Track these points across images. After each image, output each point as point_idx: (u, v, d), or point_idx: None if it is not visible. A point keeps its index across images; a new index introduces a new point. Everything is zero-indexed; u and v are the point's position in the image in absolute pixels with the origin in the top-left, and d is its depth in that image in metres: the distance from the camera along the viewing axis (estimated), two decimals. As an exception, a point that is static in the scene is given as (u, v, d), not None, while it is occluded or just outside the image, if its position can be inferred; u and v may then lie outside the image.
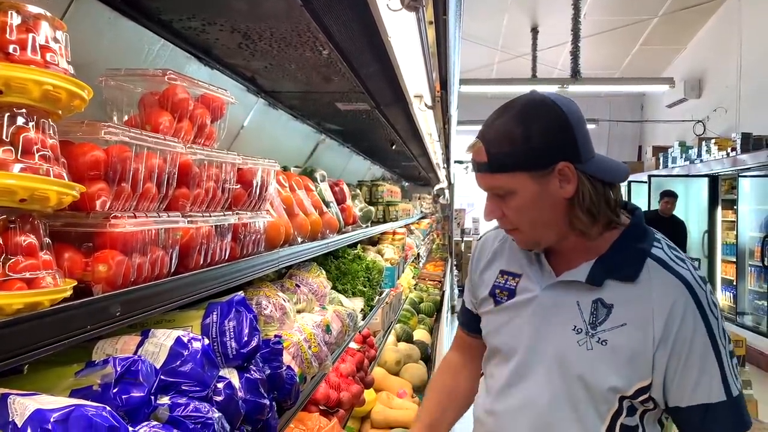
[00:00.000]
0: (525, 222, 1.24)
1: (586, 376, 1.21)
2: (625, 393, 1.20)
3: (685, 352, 1.17)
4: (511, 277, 1.37)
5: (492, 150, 1.19)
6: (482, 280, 1.44)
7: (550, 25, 9.58)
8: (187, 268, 1.16)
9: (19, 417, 0.81)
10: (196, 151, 1.15)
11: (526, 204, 1.21)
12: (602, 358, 1.20)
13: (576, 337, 1.23)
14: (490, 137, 1.20)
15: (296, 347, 1.88)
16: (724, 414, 1.17)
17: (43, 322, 0.73)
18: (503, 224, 1.28)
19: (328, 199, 2.63)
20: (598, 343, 1.20)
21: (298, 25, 1.62)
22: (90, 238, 0.90)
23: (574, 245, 1.27)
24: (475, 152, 1.22)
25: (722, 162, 8.19)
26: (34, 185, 0.72)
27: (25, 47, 0.73)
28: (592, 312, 1.23)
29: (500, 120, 1.21)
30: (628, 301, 1.21)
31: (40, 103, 0.74)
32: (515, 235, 1.29)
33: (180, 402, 1.12)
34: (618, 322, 1.20)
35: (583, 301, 1.24)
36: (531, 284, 1.32)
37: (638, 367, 1.18)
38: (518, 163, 1.18)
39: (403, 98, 2.54)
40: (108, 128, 0.88)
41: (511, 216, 1.24)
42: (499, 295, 1.37)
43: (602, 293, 1.23)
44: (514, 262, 1.38)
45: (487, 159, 1.20)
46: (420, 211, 7.78)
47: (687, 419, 1.20)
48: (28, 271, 0.73)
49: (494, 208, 1.25)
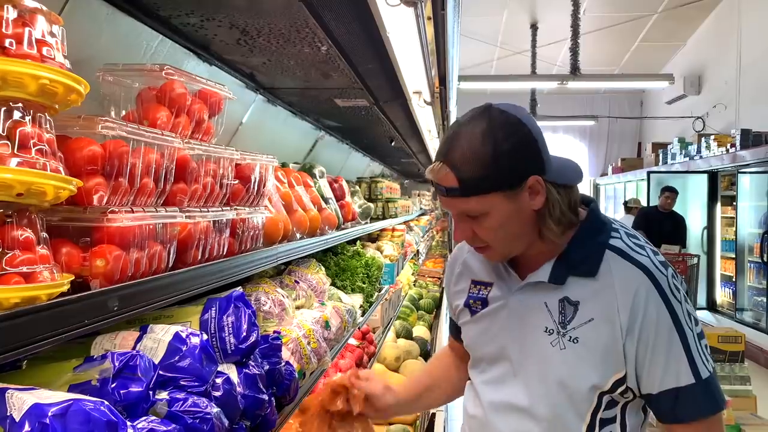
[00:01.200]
0: (498, 239, 1.23)
1: (563, 376, 1.21)
2: (603, 388, 1.20)
3: (651, 339, 1.17)
4: (482, 287, 1.38)
5: (462, 174, 1.15)
6: (457, 292, 1.45)
7: (550, 21, 9.57)
8: (185, 264, 1.16)
9: (17, 411, 0.82)
10: (193, 146, 1.15)
11: (500, 222, 1.19)
12: (576, 356, 1.20)
13: (549, 339, 1.23)
14: (456, 160, 1.15)
15: (295, 343, 1.89)
16: (694, 396, 1.18)
17: (41, 316, 0.73)
18: (474, 243, 1.26)
19: (327, 196, 2.63)
20: (570, 342, 1.21)
21: (296, 21, 1.61)
22: (87, 232, 0.90)
23: (539, 249, 1.27)
24: (441, 177, 1.18)
25: (721, 158, 8.19)
26: (31, 179, 0.72)
27: (22, 41, 0.73)
28: (560, 311, 1.23)
29: (464, 141, 1.16)
30: (592, 295, 1.21)
31: (36, 97, 0.74)
32: (486, 251, 1.26)
33: (178, 397, 1.12)
34: (585, 318, 1.20)
35: (551, 301, 1.24)
36: (500, 291, 1.33)
37: (611, 360, 1.19)
38: (491, 184, 1.15)
39: (402, 94, 2.54)
40: (105, 123, 0.88)
41: (484, 235, 1.22)
42: (473, 305, 1.38)
43: (567, 291, 1.23)
44: (484, 271, 1.39)
45: (458, 183, 1.15)
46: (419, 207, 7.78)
47: (660, 405, 1.21)
48: (25, 266, 0.73)
49: (465, 228, 1.23)
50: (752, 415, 3.38)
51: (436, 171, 1.18)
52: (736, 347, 3.55)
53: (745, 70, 8.96)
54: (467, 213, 1.20)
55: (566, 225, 1.23)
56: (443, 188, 1.18)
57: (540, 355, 1.24)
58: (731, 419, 3.18)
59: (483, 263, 1.39)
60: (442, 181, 1.17)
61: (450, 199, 1.19)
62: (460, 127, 1.18)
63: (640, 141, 13.96)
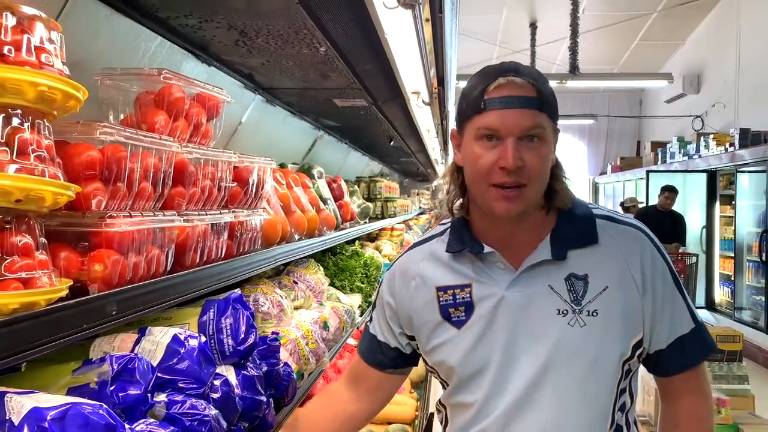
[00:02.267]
0: (540, 176, 1.16)
1: (593, 353, 1.16)
2: (626, 355, 1.19)
3: (660, 294, 1.20)
4: (459, 290, 1.25)
5: (541, 87, 1.14)
6: (421, 309, 1.29)
7: (549, 20, 9.56)
8: (184, 267, 1.16)
9: (16, 415, 0.82)
10: (191, 150, 1.16)
11: (549, 154, 1.17)
12: (600, 329, 1.17)
13: (564, 320, 1.17)
14: (534, 75, 1.15)
15: (293, 344, 1.89)
16: (695, 340, 1.23)
17: (39, 321, 0.73)
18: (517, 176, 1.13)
19: (325, 196, 2.63)
20: (590, 316, 1.17)
21: (294, 22, 1.62)
22: (86, 237, 0.90)
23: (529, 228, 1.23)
24: (518, 86, 1.13)
25: (720, 157, 8.20)
26: (30, 186, 0.73)
27: (20, 48, 0.73)
28: (569, 289, 1.19)
29: (528, 67, 1.18)
30: (599, 264, 1.20)
31: (35, 104, 0.75)
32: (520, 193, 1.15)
33: (177, 399, 1.13)
34: (600, 288, 1.18)
35: (555, 282, 1.19)
36: (488, 288, 1.22)
37: (631, 323, 1.19)
38: (554, 107, 1.17)
39: (401, 95, 2.54)
40: (103, 128, 0.88)
41: (535, 167, 1.14)
42: (455, 314, 1.24)
43: (570, 267, 1.20)
44: (452, 273, 1.27)
45: (537, 94, 1.13)
46: (418, 206, 7.78)
47: (668, 358, 1.23)
48: (24, 271, 0.73)
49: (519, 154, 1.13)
50: (750, 415, 3.38)
51: (514, 83, 1.13)
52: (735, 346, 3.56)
53: (744, 69, 8.96)
54: (533, 130, 1.13)
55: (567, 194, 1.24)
56: (521, 98, 1.12)
57: (560, 340, 1.17)
58: (729, 418, 3.18)
59: (449, 266, 1.28)
60: (520, 91, 1.13)
61: (522, 112, 1.12)
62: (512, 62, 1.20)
63: (639, 140, 13.96)
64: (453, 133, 1.26)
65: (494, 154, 1.14)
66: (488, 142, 1.15)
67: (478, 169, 1.16)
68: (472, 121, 1.17)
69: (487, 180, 1.15)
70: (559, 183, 1.23)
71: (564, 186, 1.24)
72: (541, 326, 1.18)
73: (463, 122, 1.21)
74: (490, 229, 1.25)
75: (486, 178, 1.15)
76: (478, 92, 1.15)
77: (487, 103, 1.14)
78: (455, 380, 1.27)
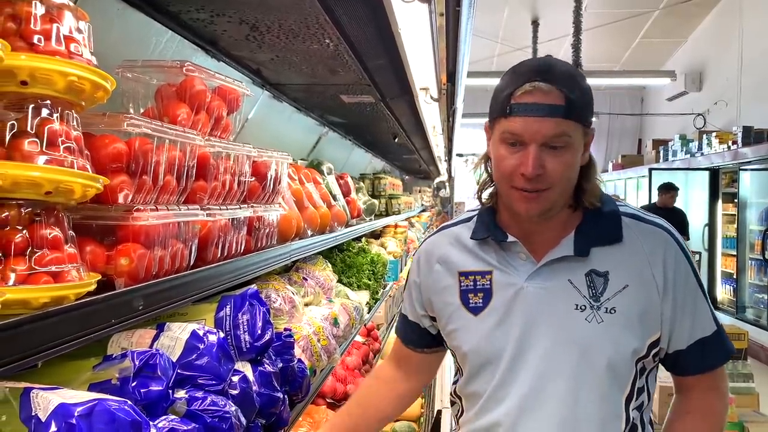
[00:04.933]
0: (563, 180, 1.17)
1: (607, 350, 1.17)
2: (641, 353, 1.19)
3: (681, 296, 1.20)
4: (479, 276, 1.27)
5: (569, 94, 1.13)
6: (442, 289, 1.32)
7: (551, 17, 9.55)
8: (205, 261, 1.15)
9: (43, 411, 0.81)
10: (214, 143, 1.14)
11: (572, 160, 1.17)
12: (617, 326, 1.17)
13: (582, 315, 1.18)
14: (564, 81, 1.14)
15: (306, 340, 1.88)
16: (715, 343, 1.24)
17: (70, 316, 0.72)
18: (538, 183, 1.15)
19: (335, 192, 2.62)
20: (607, 313, 1.18)
21: (307, 16, 1.60)
22: (112, 231, 0.89)
23: (554, 224, 1.24)
24: (545, 94, 1.12)
25: (723, 155, 8.19)
26: (60, 177, 0.72)
27: (50, 38, 0.72)
28: (589, 285, 1.20)
29: (565, 66, 1.17)
30: (621, 262, 1.20)
31: (64, 94, 0.73)
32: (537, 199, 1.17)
33: (197, 396, 1.12)
34: (619, 286, 1.19)
35: (575, 277, 1.20)
36: (508, 277, 1.24)
37: (648, 322, 1.19)
38: (584, 113, 1.16)
39: (410, 90, 2.52)
40: (131, 120, 0.87)
41: (556, 171, 1.14)
42: (473, 300, 1.26)
43: (591, 264, 1.21)
44: (476, 260, 1.29)
45: (564, 102, 1.12)
46: (421, 204, 7.78)
47: (687, 359, 1.24)
48: (53, 265, 0.72)
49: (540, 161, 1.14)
50: (755, 413, 3.39)
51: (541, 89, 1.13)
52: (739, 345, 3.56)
53: (746, 66, 8.95)
54: (555, 139, 1.13)
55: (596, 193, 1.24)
56: (546, 106, 1.12)
57: (577, 335, 1.18)
58: (734, 416, 3.19)
59: (473, 252, 1.30)
60: (546, 99, 1.13)
61: (547, 121, 1.13)
62: (549, 59, 1.19)
63: (641, 138, 13.95)
64: (485, 126, 1.28)
65: (517, 158, 1.15)
66: (512, 147, 1.16)
67: (502, 171, 1.19)
68: (499, 123, 1.19)
69: (509, 182, 1.18)
70: (588, 182, 1.24)
71: (593, 185, 1.24)
72: (558, 320, 1.19)
73: (492, 120, 1.23)
74: (514, 221, 1.27)
75: (508, 180, 1.18)
76: (506, 95, 1.16)
77: (513, 108, 1.15)
78: (468, 367, 1.29)
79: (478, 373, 1.27)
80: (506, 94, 1.16)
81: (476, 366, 1.26)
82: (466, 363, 1.29)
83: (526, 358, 1.21)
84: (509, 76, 1.19)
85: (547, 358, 1.19)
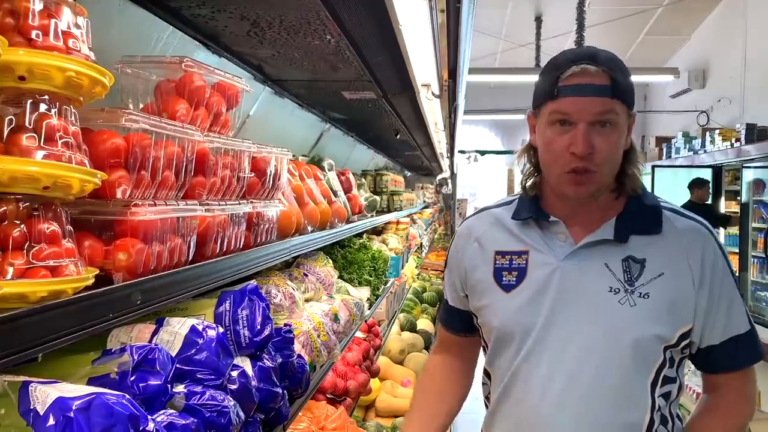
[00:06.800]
0: (610, 162, 1.21)
1: (637, 332, 1.19)
2: (670, 341, 1.21)
3: (717, 292, 1.23)
4: (515, 256, 1.31)
5: (615, 75, 1.18)
6: (476, 268, 1.36)
7: (554, 14, 9.51)
8: (204, 257, 1.15)
9: (41, 405, 0.81)
10: (212, 139, 1.15)
11: (620, 140, 1.21)
12: (648, 311, 1.20)
13: (616, 297, 1.21)
14: (609, 62, 1.19)
15: (306, 336, 1.89)
16: (748, 343, 1.26)
17: (68, 310, 0.72)
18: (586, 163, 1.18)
19: (335, 188, 2.62)
20: (641, 298, 1.20)
21: (308, 12, 1.60)
22: (110, 226, 0.89)
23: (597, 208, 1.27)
24: (591, 75, 1.18)
25: (726, 153, 8.16)
26: (57, 172, 0.72)
27: (48, 33, 0.72)
28: (625, 270, 1.23)
29: (607, 51, 1.23)
30: (659, 251, 1.23)
31: (62, 89, 0.74)
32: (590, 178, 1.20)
33: (196, 390, 1.12)
34: (655, 273, 1.22)
35: (612, 261, 1.24)
36: (545, 257, 1.28)
37: (680, 313, 1.21)
38: (628, 94, 1.20)
39: (411, 87, 2.52)
40: (129, 115, 0.88)
41: (605, 152, 1.18)
42: (507, 277, 1.30)
43: (629, 250, 1.24)
44: (514, 239, 1.33)
45: (610, 82, 1.17)
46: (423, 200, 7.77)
47: (720, 355, 1.25)
48: (51, 259, 0.72)
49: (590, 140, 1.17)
50: (757, 410, 3.39)
51: (587, 70, 1.18)
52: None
53: (750, 64, 8.91)
54: (604, 116, 1.17)
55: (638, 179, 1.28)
56: (593, 86, 1.17)
57: (608, 315, 1.21)
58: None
59: (511, 232, 1.34)
60: (593, 79, 1.17)
61: (594, 99, 1.17)
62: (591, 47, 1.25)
63: (644, 135, 13.91)
64: (528, 116, 1.32)
65: (566, 139, 1.19)
66: (561, 126, 1.20)
67: (551, 154, 1.22)
68: (546, 107, 1.23)
69: (560, 165, 1.21)
70: (631, 167, 1.27)
71: (636, 171, 1.28)
72: (590, 299, 1.23)
73: (537, 107, 1.27)
74: (559, 204, 1.30)
75: (558, 163, 1.21)
76: (553, 79, 1.21)
77: (561, 89, 1.19)
78: (494, 343, 1.32)
79: (504, 348, 1.30)
80: (553, 78, 1.20)
81: (502, 342, 1.30)
82: (492, 339, 1.33)
83: (553, 334, 1.24)
84: (552, 64, 1.25)
85: (575, 334, 1.22)
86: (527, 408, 1.25)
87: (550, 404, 1.22)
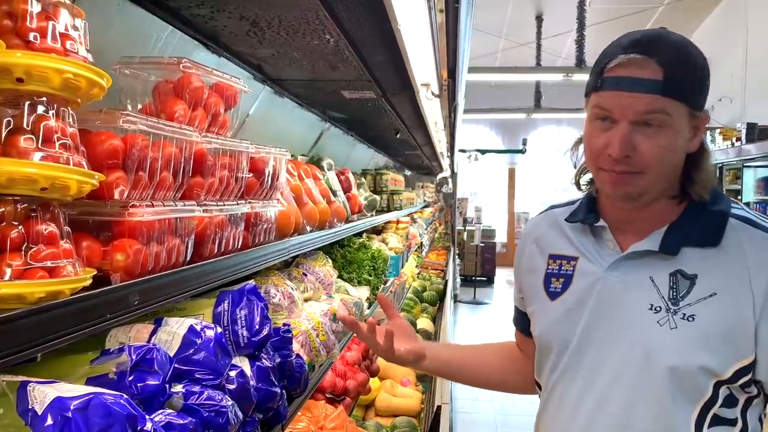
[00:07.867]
0: (657, 164, 1.05)
1: (672, 359, 1.05)
2: (722, 376, 1.04)
3: None
4: (565, 261, 1.21)
5: (671, 69, 1.02)
6: (529, 271, 1.29)
7: (555, 13, 9.52)
8: (202, 257, 1.16)
9: (39, 405, 0.82)
10: (210, 140, 1.15)
11: (670, 143, 1.05)
12: (691, 337, 1.05)
13: (654, 317, 1.08)
14: (667, 54, 1.03)
15: (304, 336, 1.89)
16: None
17: (66, 311, 0.73)
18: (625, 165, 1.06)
19: (335, 188, 2.62)
20: (683, 320, 1.06)
21: (307, 12, 1.61)
22: (108, 226, 0.90)
23: (650, 214, 1.13)
24: (640, 67, 1.03)
25: (727, 152, 8.17)
26: (55, 174, 0.72)
27: (45, 35, 0.73)
28: (672, 286, 1.08)
29: (675, 40, 1.06)
30: (714, 267, 1.07)
31: (60, 91, 0.74)
32: (632, 180, 1.07)
33: (194, 390, 1.12)
34: (706, 293, 1.06)
35: (658, 275, 1.10)
36: (591, 265, 1.17)
37: (736, 342, 1.03)
38: (690, 93, 1.05)
39: (410, 86, 2.53)
40: (126, 117, 0.88)
41: (648, 153, 1.04)
42: (554, 284, 1.21)
43: (681, 264, 1.09)
44: (568, 244, 1.23)
45: (662, 77, 1.02)
46: (423, 200, 7.78)
47: None
48: (49, 260, 0.73)
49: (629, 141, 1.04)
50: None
51: (635, 61, 1.03)
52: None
53: (751, 63, 8.92)
54: (649, 115, 1.03)
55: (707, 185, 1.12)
56: (639, 81, 1.03)
57: (643, 336, 1.08)
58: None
59: (566, 235, 1.24)
60: (640, 72, 1.03)
61: (640, 96, 1.03)
62: (660, 30, 1.09)
63: (644, 134, 13.90)
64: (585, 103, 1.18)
65: (605, 137, 1.07)
66: (602, 123, 1.08)
67: (590, 150, 1.12)
68: (591, 98, 1.11)
69: (596, 163, 1.11)
70: (699, 172, 1.11)
71: (705, 177, 1.12)
72: (627, 318, 1.11)
73: (586, 95, 1.14)
74: (610, 207, 1.19)
75: (596, 161, 1.11)
76: (600, 68, 1.08)
77: (605, 81, 1.07)
78: (538, 353, 1.26)
79: (545, 360, 1.23)
80: (600, 66, 1.08)
81: (543, 353, 1.24)
82: (536, 348, 1.27)
83: (588, 352, 1.14)
84: (609, 46, 1.10)
85: (608, 356, 1.12)
86: (559, 427, 1.19)
87: (580, 427, 1.14)
